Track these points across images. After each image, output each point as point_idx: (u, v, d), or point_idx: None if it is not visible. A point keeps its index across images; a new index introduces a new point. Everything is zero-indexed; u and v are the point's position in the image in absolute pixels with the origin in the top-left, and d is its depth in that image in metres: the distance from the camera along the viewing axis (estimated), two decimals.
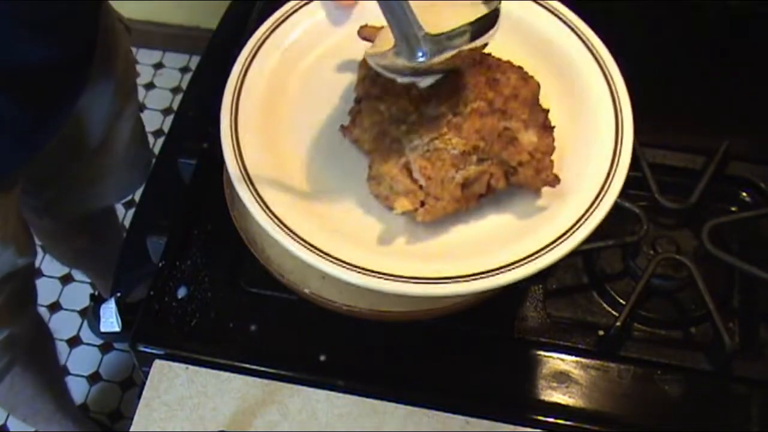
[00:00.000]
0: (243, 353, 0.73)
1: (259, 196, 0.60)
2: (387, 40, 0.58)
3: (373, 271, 0.56)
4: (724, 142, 0.83)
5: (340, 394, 0.71)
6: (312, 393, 0.71)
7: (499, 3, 0.60)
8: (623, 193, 0.83)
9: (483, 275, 0.56)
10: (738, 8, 0.98)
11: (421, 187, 0.59)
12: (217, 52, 0.99)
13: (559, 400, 0.70)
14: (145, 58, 2.08)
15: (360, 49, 0.66)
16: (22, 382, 1.20)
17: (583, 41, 0.70)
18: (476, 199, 0.61)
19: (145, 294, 0.76)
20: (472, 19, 0.57)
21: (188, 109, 0.92)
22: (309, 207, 0.61)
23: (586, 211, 0.59)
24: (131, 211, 1.77)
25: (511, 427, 0.69)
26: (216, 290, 0.76)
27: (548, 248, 0.57)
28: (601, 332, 0.74)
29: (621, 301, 0.77)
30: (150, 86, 2.05)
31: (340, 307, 0.67)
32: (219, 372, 0.72)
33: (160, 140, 1.88)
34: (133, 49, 1.10)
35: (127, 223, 1.72)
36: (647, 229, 0.76)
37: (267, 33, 0.69)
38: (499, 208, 0.63)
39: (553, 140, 0.62)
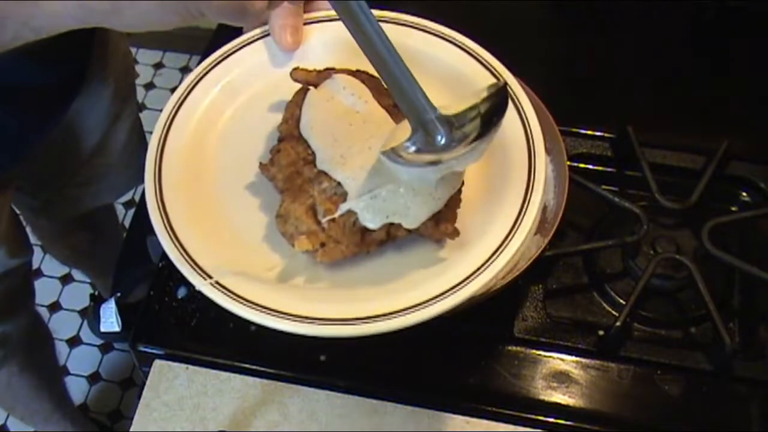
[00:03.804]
0: (243, 353, 0.73)
1: (170, 226, 0.59)
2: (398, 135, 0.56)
3: (268, 309, 0.57)
4: (724, 142, 0.82)
5: (340, 394, 0.71)
6: (312, 393, 0.71)
7: (503, 81, 0.58)
8: (623, 193, 0.84)
9: (364, 320, 0.57)
10: (737, 8, 0.98)
11: (323, 229, 0.59)
12: None
13: (559, 400, 0.70)
14: (144, 58, 2.08)
15: (294, 89, 0.66)
16: (20, 382, 1.20)
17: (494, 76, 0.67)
18: (377, 244, 0.61)
19: (145, 294, 0.76)
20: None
21: None
22: (217, 239, 0.61)
23: (484, 263, 0.58)
24: (131, 211, 1.77)
25: (511, 427, 0.69)
26: None
27: (439, 298, 0.57)
28: (601, 332, 0.74)
29: (621, 301, 0.77)
30: (150, 86, 2.05)
31: None
32: (219, 372, 0.72)
33: None
34: (133, 49, 1.10)
35: (127, 223, 1.72)
36: (647, 229, 0.76)
37: (208, 68, 0.68)
38: (401, 254, 0.62)
39: (459, 192, 0.61)
